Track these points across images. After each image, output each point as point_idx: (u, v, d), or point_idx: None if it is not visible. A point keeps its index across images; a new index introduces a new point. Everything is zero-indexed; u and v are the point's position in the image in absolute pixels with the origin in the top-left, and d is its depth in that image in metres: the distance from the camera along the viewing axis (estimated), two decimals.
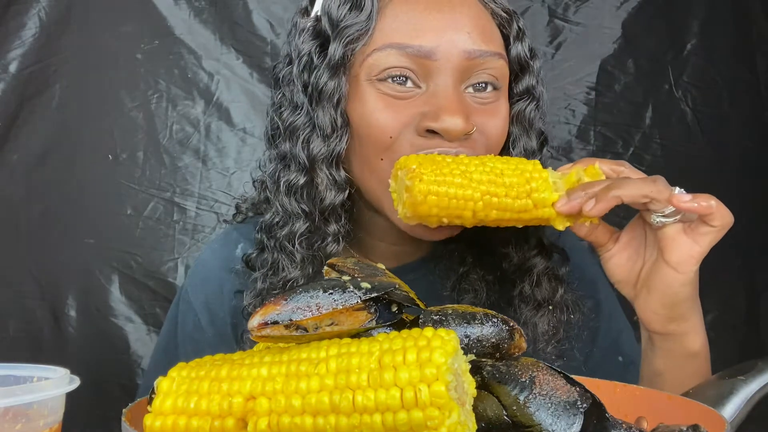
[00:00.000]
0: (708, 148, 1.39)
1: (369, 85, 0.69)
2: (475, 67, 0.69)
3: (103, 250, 1.38)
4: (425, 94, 0.68)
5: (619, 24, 1.40)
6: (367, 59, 0.68)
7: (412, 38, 0.67)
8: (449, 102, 0.67)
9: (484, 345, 0.52)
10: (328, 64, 0.68)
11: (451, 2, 0.69)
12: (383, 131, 0.68)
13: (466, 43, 0.67)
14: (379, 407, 0.44)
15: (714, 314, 1.36)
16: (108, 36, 1.40)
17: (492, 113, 0.70)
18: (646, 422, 0.55)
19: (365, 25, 0.67)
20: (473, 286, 0.75)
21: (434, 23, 0.67)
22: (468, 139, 0.69)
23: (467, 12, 0.69)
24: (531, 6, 1.41)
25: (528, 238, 0.75)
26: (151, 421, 0.49)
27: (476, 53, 0.68)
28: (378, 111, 0.68)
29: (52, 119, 1.37)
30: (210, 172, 1.42)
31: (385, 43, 0.67)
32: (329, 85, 0.68)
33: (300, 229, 0.70)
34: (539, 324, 0.73)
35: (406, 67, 0.67)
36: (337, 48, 0.68)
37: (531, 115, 0.73)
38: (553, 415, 0.46)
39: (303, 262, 0.71)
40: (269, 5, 1.41)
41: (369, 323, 0.50)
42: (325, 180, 0.69)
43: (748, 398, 0.68)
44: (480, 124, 0.69)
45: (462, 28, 0.68)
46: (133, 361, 1.37)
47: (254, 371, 0.48)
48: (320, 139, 0.68)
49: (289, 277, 0.71)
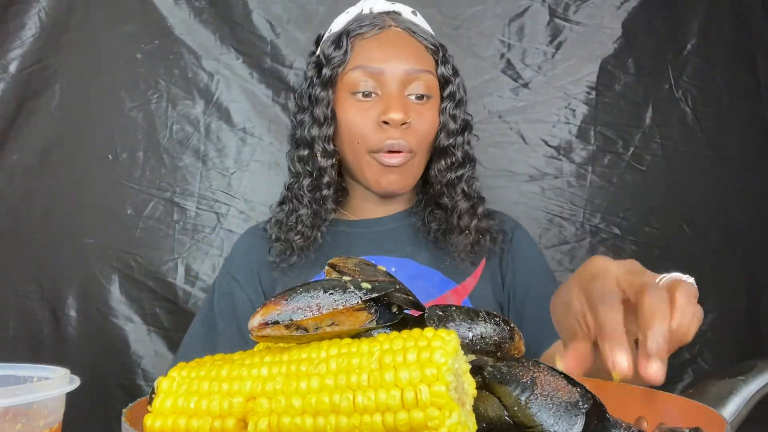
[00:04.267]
0: (708, 148, 1.39)
1: (348, 96, 1.03)
2: (413, 79, 1.01)
3: (103, 250, 1.38)
4: (381, 99, 1.01)
5: (619, 24, 1.40)
6: (345, 77, 1.03)
7: (371, 62, 1.01)
8: (393, 102, 0.99)
9: (487, 342, 0.53)
10: (322, 82, 1.04)
11: (395, 41, 1.03)
12: (357, 127, 1.01)
13: (405, 64, 1.01)
14: (380, 407, 0.44)
15: (714, 314, 1.36)
16: (108, 36, 1.40)
17: (424, 112, 1.03)
18: (646, 422, 0.55)
19: (343, 57, 1.02)
20: (438, 224, 1.07)
21: (384, 53, 1.02)
22: (408, 128, 1.00)
23: (407, 45, 1.04)
24: (531, 6, 1.41)
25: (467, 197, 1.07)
26: (151, 421, 0.49)
27: (412, 70, 1.01)
28: (353, 114, 1.02)
29: (52, 119, 1.37)
30: (210, 171, 1.42)
31: (354, 66, 1.02)
32: (322, 94, 1.03)
33: (305, 182, 1.06)
34: (460, 243, 1.04)
35: (368, 81, 1.01)
36: (327, 71, 1.03)
37: (453, 111, 1.06)
38: (555, 415, 0.46)
39: (309, 204, 1.05)
40: (269, 5, 1.41)
41: (369, 323, 0.50)
42: (320, 151, 1.04)
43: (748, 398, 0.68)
44: (415, 118, 1.01)
45: (402, 55, 1.02)
46: (133, 361, 1.37)
47: (254, 371, 0.48)
48: (316, 126, 1.04)
49: (299, 212, 1.05)
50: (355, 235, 1.09)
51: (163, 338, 1.39)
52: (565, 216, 1.40)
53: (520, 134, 1.41)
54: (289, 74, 1.41)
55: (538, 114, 1.41)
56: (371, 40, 1.03)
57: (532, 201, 1.40)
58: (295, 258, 1.05)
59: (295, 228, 1.05)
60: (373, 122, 1.00)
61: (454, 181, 1.05)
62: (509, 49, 1.41)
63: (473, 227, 1.04)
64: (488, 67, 1.41)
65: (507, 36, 1.41)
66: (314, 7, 1.41)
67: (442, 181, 1.05)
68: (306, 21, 1.40)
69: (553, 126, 1.41)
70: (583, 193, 1.40)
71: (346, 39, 1.03)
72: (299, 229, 1.05)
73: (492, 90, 1.41)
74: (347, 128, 1.02)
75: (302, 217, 1.05)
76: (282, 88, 1.42)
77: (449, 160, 1.05)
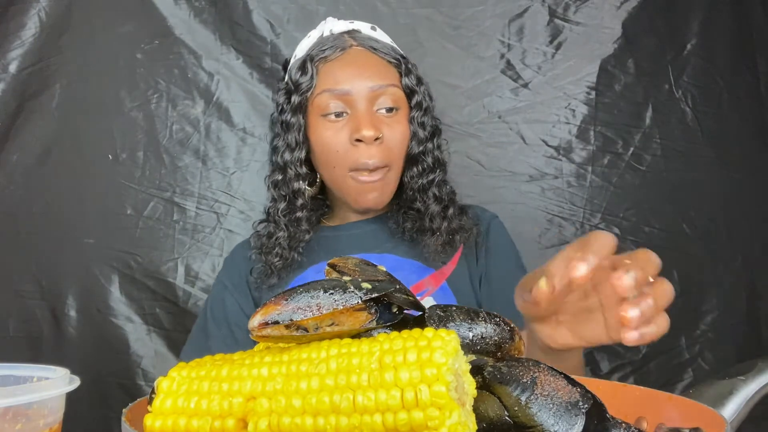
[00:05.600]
0: (708, 148, 1.39)
1: (319, 119, 1.06)
2: (379, 95, 1.05)
3: (103, 250, 1.38)
4: (351, 118, 1.04)
5: (619, 24, 1.40)
6: (314, 101, 1.06)
7: (337, 84, 1.04)
8: (364, 120, 1.02)
9: (488, 343, 0.53)
10: (292, 108, 1.07)
11: (358, 60, 1.07)
12: (331, 148, 1.05)
13: (370, 82, 1.04)
14: (380, 407, 0.44)
15: (714, 314, 1.36)
16: (108, 36, 1.40)
17: (394, 125, 1.06)
18: (646, 422, 0.55)
19: (310, 82, 1.06)
20: (412, 224, 1.10)
21: (348, 73, 1.05)
22: (381, 143, 1.03)
23: (369, 63, 1.07)
24: (531, 6, 1.41)
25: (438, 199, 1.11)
26: (152, 421, 0.49)
27: (377, 87, 1.04)
28: (326, 136, 1.05)
29: (52, 119, 1.38)
30: (210, 172, 1.42)
31: (322, 89, 1.05)
32: (293, 119, 1.07)
33: (280, 205, 1.10)
34: (432, 243, 1.07)
35: (336, 103, 1.04)
36: (296, 98, 1.07)
37: (421, 119, 1.09)
38: (555, 415, 0.46)
39: (286, 227, 1.10)
40: (269, 5, 1.41)
41: (369, 323, 0.50)
42: (293, 175, 1.09)
43: (748, 398, 0.68)
44: (387, 132, 1.04)
45: (365, 73, 1.05)
46: (133, 361, 1.37)
47: (255, 371, 0.48)
48: (289, 151, 1.09)
49: (277, 235, 1.10)
50: (338, 238, 1.13)
51: (163, 338, 1.39)
52: (565, 216, 1.40)
53: (520, 134, 1.41)
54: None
55: (538, 114, 1.41)
56: (334, 63, 1.07)
57: (532, 201, 1.40)
58: (274, 280, 1.10)
59: (273, 251, 1.10)
60: (346, 141, 1.03)
61: (425, 185, 1.09)
62: (509, 50, 1.41)
63: (444, 229, 1.07)
64: (488, 67, 1.41)
65: (507, 36, 1.41)
66: (314, 7, 1.41)
67: (414, 186, 1.09)
68: (306, 21, 1.40)
69: (553, 126, 1.41)
70: (583, 193, 1.40)
71: (311, 64, 1.07)
72: (277, 251, 1.09)
73: (492, 90, 1.41)
74: (322, 150, 1.06)
75: (279, 240, 1.10)
76: None
77: (420, 166, 1.09)
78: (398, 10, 1.40)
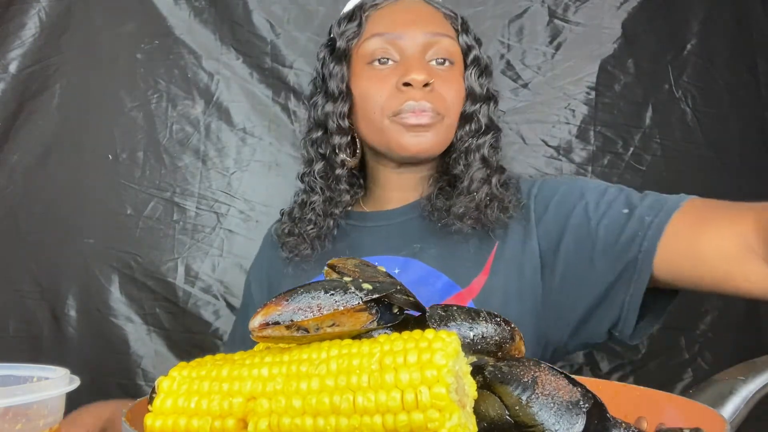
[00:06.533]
0: (708, 148, 1.39)
1: (364, 67, 0.96)
2: (433, 44, 0.96)
3: (103, 250, 1.38)
4: (400, 64, 0.95)
5: (619, 24, 1.40)
6: (360, 48, 0.97)
7: (388, 29, 0.96)
8: (415, 63, 0.93)
9: (488, 342, 0.53)
10: (335, 56, 0.99)
11: (412, 8, 0.99)
12: (374, 94, 0.95)
13: (425, 28, 0.96)
14: (380, 409, 0.44)
15: (714, 314, 1.36)
16: (108, 36, 1.40)
17: (448, 77, 0.96)
18: (646, 422, 0.55)
19: (357, 29, 0.98)
20: (444, 200, 0.98)
21: (402, 18, 0.97)
22: (432, 91, 0.93)
23: (425, 11, 0.99)
24: (531, 6, 1.41)
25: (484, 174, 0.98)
26: (152, 420, 0.49)
27: (431, 34, 0.96)
28: (371, 85, 0.95)
29: (52, 119, 1.38)
30: (210, 172, 1.42)
31: (371, 34, 0.96)
32: (335, 69, 0.98)
33: (317, 166, 1.01)
34: (462, 205, 0.94)
35: (385, 48, 0.95)
36: (341, 44, 0.98)
37: (477, 77, 1.00)
38: (556, 415, 0.46)
39: (322, 190, 1.01)
40: (269, 5, 1.41)
41: (370, 324, 0.50)
42: (334, 128, 0.98)
43: (748, 398, 0.68)
44: (439, 83, 0.94)
45: (421, 20, 0.97)
46: (133, 361, 1.37)
47: (255, 371, 0.48)
48: (330, 102, 0.98)
49: (312, 200, 1.01)
50: (365, 230, 1.02)
51: (163, 338, 1.39)
52: None
53: (520, 134, 1.41)
54: (289, 74, 1.41)
55: (538, 114, 1.41)
56: (386, 9, 0.98)
57: None
58: (308, 250, 1.00)
59: (306, 217, 1.01)
60: (391, 87, 0.93)
61: (474, 147, 0.97)
62: (509, 50, 1.41)
63: (482, 193, 0.93)
64: None
65: (506, 37, 1.41)
66: (314, 7, 1.41)
67: (462, 147, 0.97)
68: (306, 21, 1.40)
69: (553, 126, 1.41)
70: None
71: (360, 12, 0.98)
72: (310, 217, 1.00)
73: None
74: (363, 98, 0.96)
75: (315, 205, 1.01)
76: (282, 88, 1.42)
77: (473, 126, 0.97)
78: None
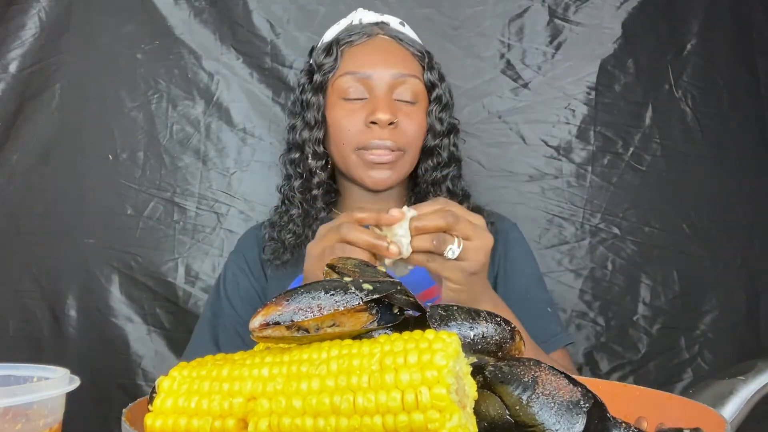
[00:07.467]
0: (708, 148, 1.39)
1: (337, 101, 1.08)
2: (400, 84, 1.06)
3: (103, 250, 1.38)
4: (369, 102, 1.05)
5: (619, 24, 1.40)
6: (335, 83, 1.08)
7: (359, 68, 1.06)
8: (381, 103, 1.04)
9: (488, 342, 0.53)
10: (313, 87, 1.10)
11: (383, 48, 1.09)
12: (344, 127, 1.06)
13: (392, 69, 1.06)
14: (380, 409, 0.44)
15: (714, 314, 1.36)
16: (108, 36, 1.40)
17: (411, 114, 1.07)
18: (646, 422, 0.55)
19: (333, 64, 1.08)
20: None
21: (372, 59, 1.07)
22: (395, 128, 1.04)
23: (394, 52, 1.09)
24: (531, 6, 1.41)
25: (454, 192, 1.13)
26: (152, 420, 0.49)
27: (399, 75, 1.06)
28: (342, 116, 1.07)
29: (52, 119, 1.37)
30: (210, 172, 1.42)
31: (344, 71, 1.07)
32: (313, 99, 1.09)
33: (296, 183, 1.12)
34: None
35: (356, 87, 1.05)
36: (318, 77, 1.09)
37: (439, 114, 1.11)
38: (556, 414, 0.46)
39: (300, 204, 1.11)
40: (269, 5, 1.41)
41: (370, 324, 0.50)
42: (310, 153, 1.10)
43: (748, 398, 0.68)
44: (403, 120, 1.05)
45: (389, 60, 1.07)
46: (133, 361, 1.37)
47: (255, 372, 0.48)
48: (307, 129, 1.10)
49: (291, 212, 1.11)
50: None
51: (163, 338, 1.39)
52: (565, 216, 1.40)
53: (520, 134, 1.41)
54: (289, 74, 1.41)
55: (538, 114, 1.41)
56: (360, 48, 1.09)
57: (532, 201, 1.40)
58: (287, 256, 1.10)
59: (287, 227, 1.11)
60: (360, 123, 1.05)
61: (439, 179, 1.12)
62: (509, 50, 1.41)
63: None
64: (488, 67, 1.41)
65: (507, 36, 1.41)
66: (314, 7, 1.41)
67: (428, 179, 1.11)
68: (306, 21, 1.40)
69: (552, 126, 1.41)
70: (583, 193, 1.40)
71: (336, 47, 1.09)
72: (290, 227, 1.11)
73: (492, 90, 1.41)
74: (335, 129, 1.07)
75: (293, 217, 1.11)
76: (282, 88, 1.42)
77: (435, 159, 1.11)
78: (398, 10, 1.40)
